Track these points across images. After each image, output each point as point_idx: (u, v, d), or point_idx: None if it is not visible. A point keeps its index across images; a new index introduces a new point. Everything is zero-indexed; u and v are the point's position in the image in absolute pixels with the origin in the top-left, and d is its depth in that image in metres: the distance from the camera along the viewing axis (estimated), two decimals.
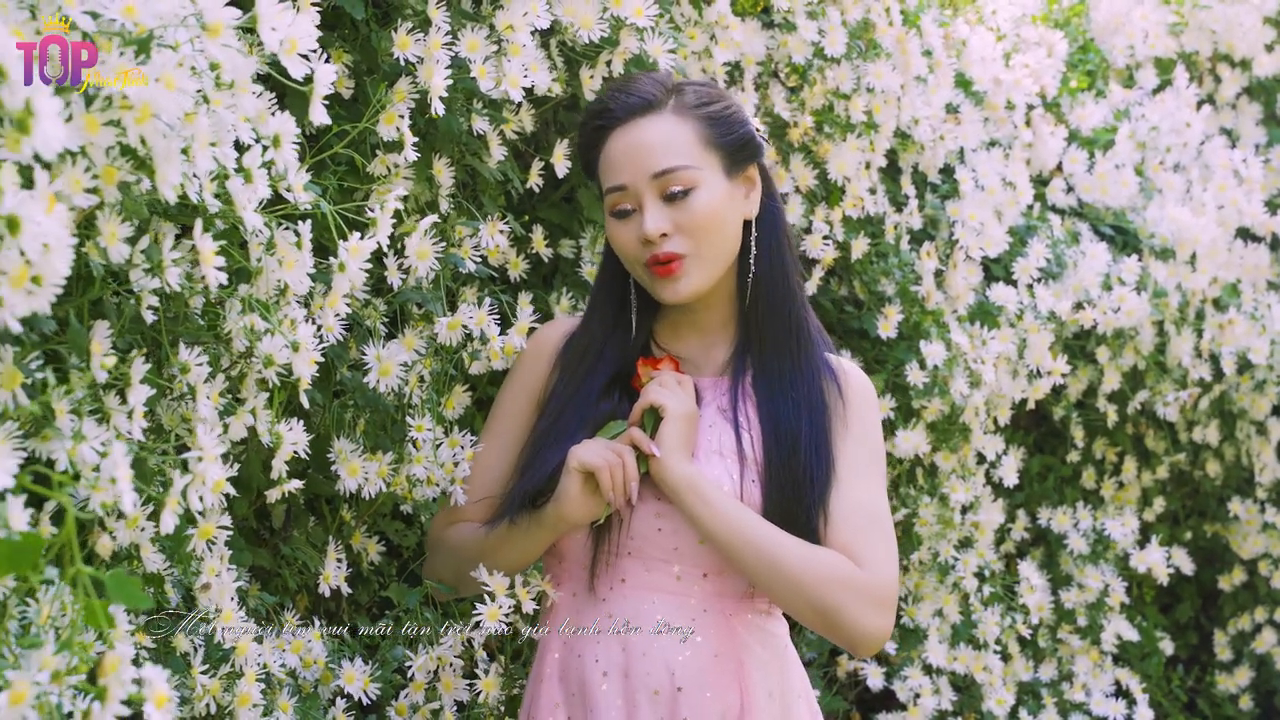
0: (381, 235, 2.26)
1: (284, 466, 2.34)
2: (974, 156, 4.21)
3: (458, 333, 2.91)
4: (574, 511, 2.69)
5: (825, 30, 3.67)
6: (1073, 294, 4.25)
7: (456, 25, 2.78)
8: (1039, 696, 4.41)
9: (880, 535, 2.73)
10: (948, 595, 4.12)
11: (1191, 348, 4.50)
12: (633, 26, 3.01)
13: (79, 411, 1.92)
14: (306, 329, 2.20)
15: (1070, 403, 4.59)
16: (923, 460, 4.07)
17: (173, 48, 1.84)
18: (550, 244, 3.33)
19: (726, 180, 2.73)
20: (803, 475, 2.71)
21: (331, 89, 2.11)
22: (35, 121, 1.45)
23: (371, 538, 3.11)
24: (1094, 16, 5.15)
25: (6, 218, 1.44)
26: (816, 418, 2.76)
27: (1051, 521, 4.57)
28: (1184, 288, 4.47)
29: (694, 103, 2.74)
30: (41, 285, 1.51)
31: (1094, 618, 4.51)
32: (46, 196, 1.49)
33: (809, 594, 2.64)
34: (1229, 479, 5.18)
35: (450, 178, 2.94)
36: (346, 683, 2.79)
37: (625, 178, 2.71)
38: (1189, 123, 4.82)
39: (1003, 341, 4.04)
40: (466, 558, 2.82)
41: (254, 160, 1.98)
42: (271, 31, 1.91)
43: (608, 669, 2.71)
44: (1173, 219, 4.50)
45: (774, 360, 2.79)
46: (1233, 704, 5.24)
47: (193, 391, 2.11)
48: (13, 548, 1.50)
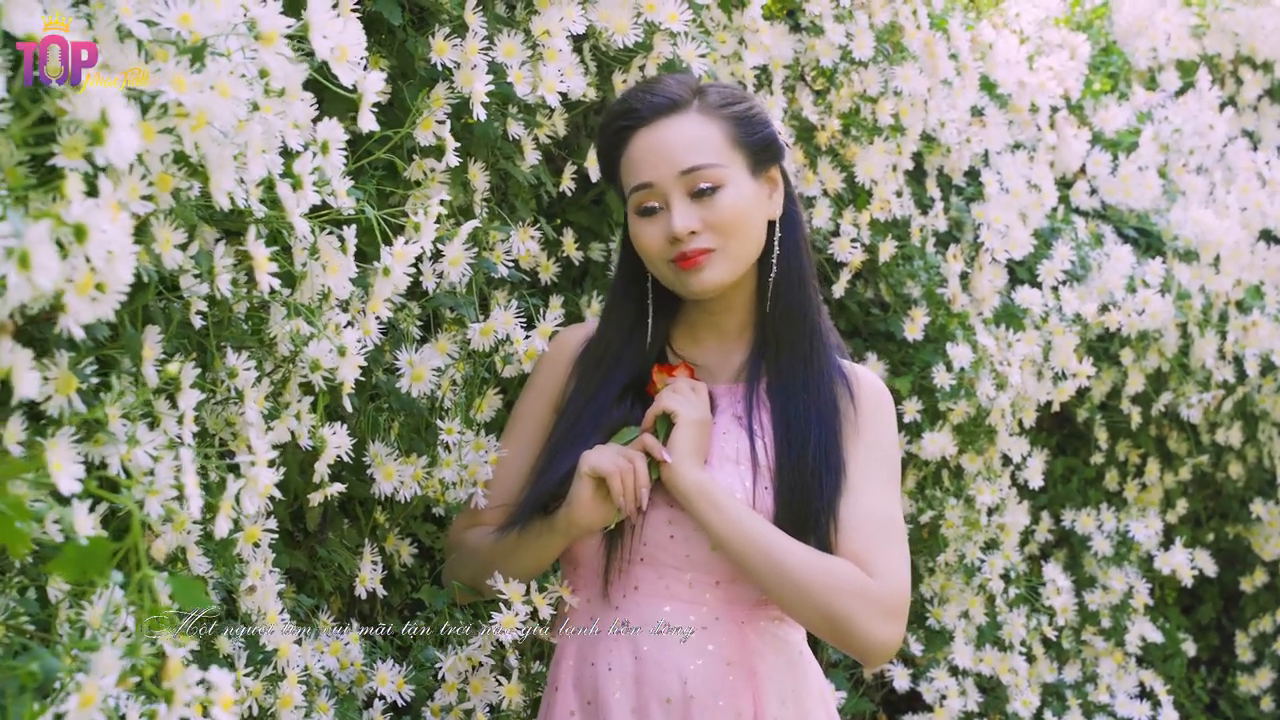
0: (425, 240, 2.27)
1: (326, 470, 2.35)
2: (999, 159, 4.22)
3: (490, 338, 2.92)
4: (584, 517, 2.69)
5: (853, 34, 3.68)
6: (1097, 296, 4.26)
7: (493, 30, 2.80)
8: (1063, 698, 4.42)
9: (892, 543, 2.72)
10: (974, 597, 4.13)
11: (1215, 350, 4.51)
12: (666, 31, 3.02)
13: (130, 416, 1.94)
14: (352, 334, 2.22)
15: (1094, 405, 4.60)
16: (949, 462, 4.08)
17: (225, 55, 1.85)
18: (580, 247, 3.34)
19: (752, 180, 2.74)
20: (811, 479, 2.70)
21: (378, 96, 2.12)
22: (110, 131, 1.46)
23: (404, 540, 3.12)
24: (1116, 19, 5.16)
25: (75, 226, 1.45)
26: (827, 422, 2.75)
27: (1075, 523, 4.57)
28: (1208, 290, 4.48)
29: (719, 103, 2.74)
30: (105, 292, 1.52)
31: (1118, 619, 4.52)
32: (111, 205, 1.51)
33: (818, 602, 2.63)
34: (1251, 481, 5.18)
35: (485, 182, 2.95)
36: (380, 684, 2.80)
37: (651, 175, 2.70)
38: (1212, 125, 4.83)
39: (1028, 344, 4.05)
40: (482, 562, 2.83)
41: (305, 166, 1.99)
42: (323, 39, 1.92)
43: (620, 677, 2.71)
44: (1196, 221, 4.51)
45: (790, 364, 2.78)
46: (1254, 705, 5.25)
47: (240, 396, 2.12)
48: (81, 552, 1.51)
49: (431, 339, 2.92)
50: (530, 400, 2.92)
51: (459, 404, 2.97)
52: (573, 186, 3.17)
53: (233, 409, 2.26)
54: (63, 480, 1.53)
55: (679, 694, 2.68)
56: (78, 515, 1.54)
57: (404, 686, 2.84)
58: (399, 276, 2.23)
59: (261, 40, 1.79)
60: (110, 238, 1.50)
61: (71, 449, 1.61)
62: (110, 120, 1.46)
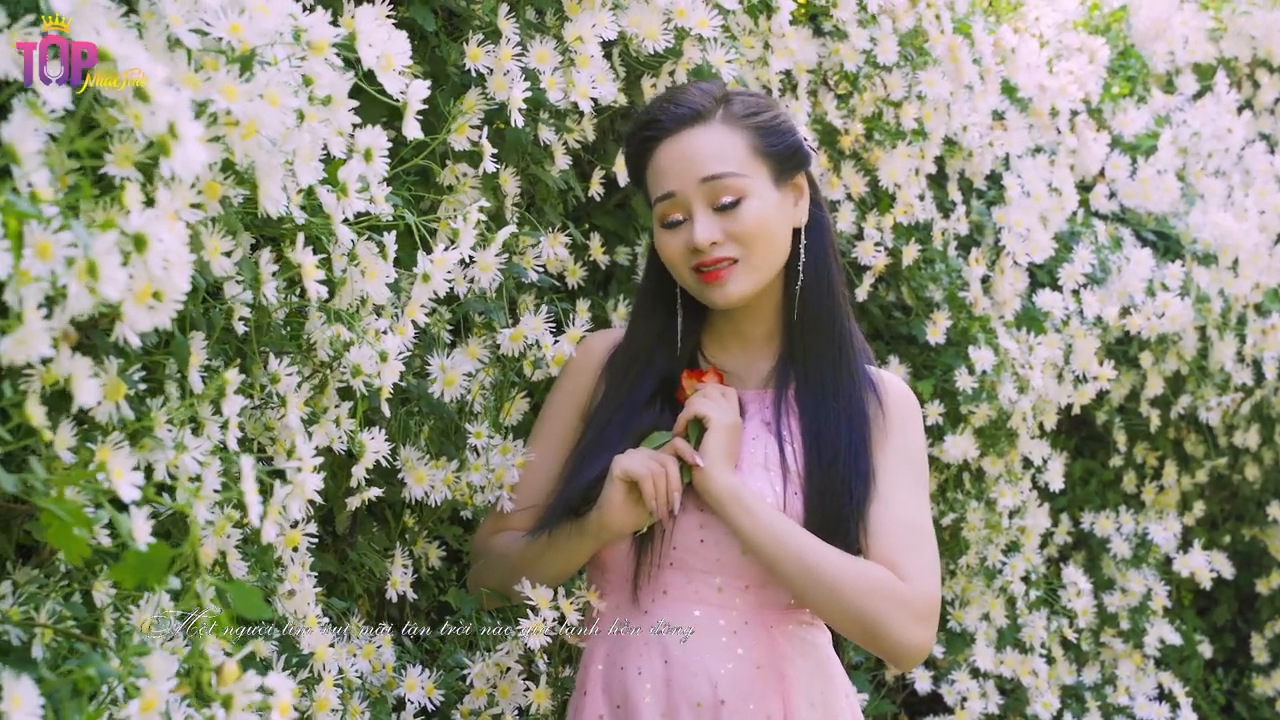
0: (464, 246, 2.29)
1: (364, 474, 2.37)
2: (1019, 163, 4.23)
3: (520, 342, 2.93)
4: (616, 520, 2.70)
5: (877, 38, 3.69)
6: (1117, 300, 4.27)
7: (525, 37, 2.81)
8: (1082, 700, 4.43)
9: (922, 548, 2.73)
10: (994, 599, 4.14)
11: (1234, 353, 4.52)
12: (696, 36, 3.03)
13: (173, 422, 1.95)
14: (394, 340, 2.23)
15: (1113, 407, 4.61)
16: (970, 465, 4.09)
17: (271, 64, 1.87)
18: (606, 251, 3.36)
19: (775, 189, 2.74)
20: (841, 486, 2.72)
21: (422, 104, 2.13)
22: (178, 144, 1.48)
23: (432, 543, 3.13)
24: (1134, 22, 5.17)
25: (135, 236, 1.46)
26: (856, 428, 2.76)
27: (1095, 526, 4.58)
28: (1226, 293, 4.49)
29: (742, 113, 2.75)
30: (163, 301, 1.53)
31: (1136, 621, 4.53)
32: (169, 214, 1.52)
33: (851, 605, 2.64)
34: (1267, 483, 5.19)
35: (516, 187, 2.97)
36: (408, 690, 2.80)
37: (674, 185, 2.72)
38: (1230, 128, 4.84)
39: (1049, 347, 4.06)
40: (510, 567, 2.84)
41: (351, 174, 2.01)
42: (369, 48, 1.94)
43: (650, 681, 2.72)
44: (1215, 224, 4.52)
45: (817, 371, 2.79)
46: (1270, 706, 5.26)
47: (282, 401, 2.13)
48: (141, 559, 1.53)
49: (461, 343, 2.93)
50: (557, 405, 2.93)
51: (489, 408, 2.98)
52: (601, 192, 3.18)
53: (270, 414, 2.28)
54: (123, 487, 1.55)
55: (710, 698, 2.69)
56: (136, 522, 1.55)
57: (434, 692, 2.84)
58: (439, 282, 2.25)
59: (312, 49, 1.80)
60: (168, 247, 1.51)
61: (131, 456, 1.62)
62: (179, 133, 1.48)
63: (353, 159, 2.02)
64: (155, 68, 1.49)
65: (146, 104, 1.47)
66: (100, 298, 1.41)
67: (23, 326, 1.39)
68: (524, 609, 2.79)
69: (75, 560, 1.57)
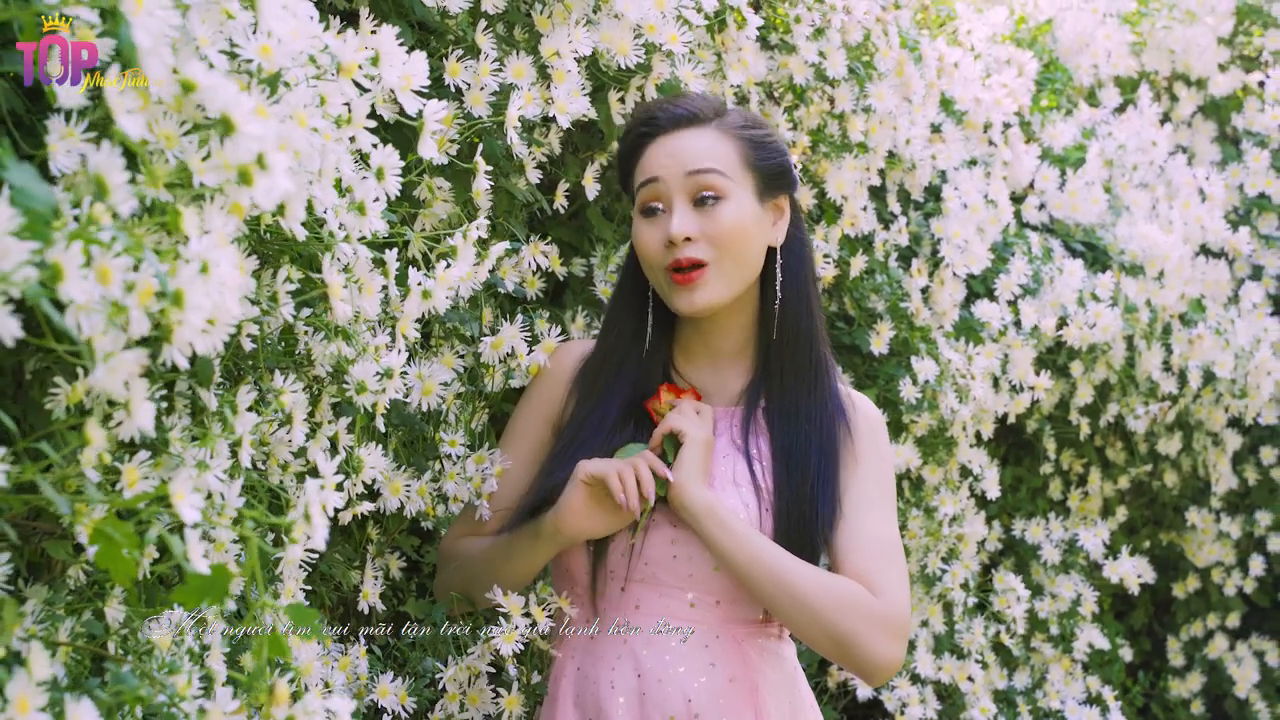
0: (464, 264, 2.30)
1: (361, 488, 2.38)
2: (956, 175, 4.29)
3: (501, 350, 2.94)
4: (572, 524, 2.70)
5: (825, 52, 3.73)
6: (1051, 310, 4.34)
7: (501, 52, 2.82)
8: (1014, 705, 4.49)
9: (893, 564, 2.75)
10: (933, 606, 4.19)
11: (1160, 362, 4.60)
12: (665, 52, 3.06)
13: (182, 441, 1.95)
14: (396, 356, 2.24)
15: (1043, 416, 4.69)
16: (910, 474, 4.15)
17: (294, 85, 1.87)
18: (563, 263, 3.37)
19: (757, 202, 2.77)
20: (810, 508, 2.74)
21: (440, 125, 2.14)
22: (265, 175, 1.48)
23: (392, 554, 3.14)
24: (1059, 35, 5.26)
25: (200, 262, 1.46)
26: (827, 451, 2.79)
27: (1026, 532, 4.66)
28: (1153, 303, 4.57)
29: (738, 124, 2.79)
30: (216, 325, 1.54)
31: (1065, 626, 4.60)
32: (222, 240, 1.53)
33: (825, 621, 2.65)
34: (1185, 489, 5.30)
35: (488, 200, 2.98)
36: (380, 696, 2.81)
37: (660, 172, 2.75)
38: (1154, 141, 4.92)
39: (988, 357, 4.12)
40: (472, 571, 2.85)
41: (368, 193, 2.02)
42: (390, 69, 1.95)
43: (624, 694, 2.73)
44: (1143, 236, 4.60)
45: (792, 393, 2.82)
46: (1185, 708, 5.36)
47: (288, 418, 2.14)
48: (203, 581, 1.53)
49: (430, 353, 2.93)
50: (525, 415, 2.95)
51: (464, 418, 2.99)
52: (566, 203, 3.19)
53: (263, 429, 2.28)
54: (185, 510, 1.55)
55: (683, 711, 2.70)
56: (191, 545, 1.56)
57: (406, 699, 2.85)
58: (440, 300, 2.26)
59: (342, 71, 1.81)
60: (224, 272, 1.51)
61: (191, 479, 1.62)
62: (268, 164, 1.48)
63: (369, 179, 2.02)
64: (242, 98, 1.49)
65: (232, 133, 1.47)
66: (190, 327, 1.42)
67: (115, 356, 1.39)
68: (493, 614, 2.80)
69: (124, 581, 1.57)
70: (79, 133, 1.65)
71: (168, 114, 1.69)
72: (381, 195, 2.11)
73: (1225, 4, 5.45)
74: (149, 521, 1.60)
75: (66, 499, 1.54)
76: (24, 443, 1.58)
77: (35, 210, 1.31)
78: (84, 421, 1.53)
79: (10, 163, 1.33)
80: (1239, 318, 4.77)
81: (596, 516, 2.71)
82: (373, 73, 2.03)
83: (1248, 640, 5.43)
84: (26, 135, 1.78)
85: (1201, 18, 5.41)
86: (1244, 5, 5.60)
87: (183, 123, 1.70)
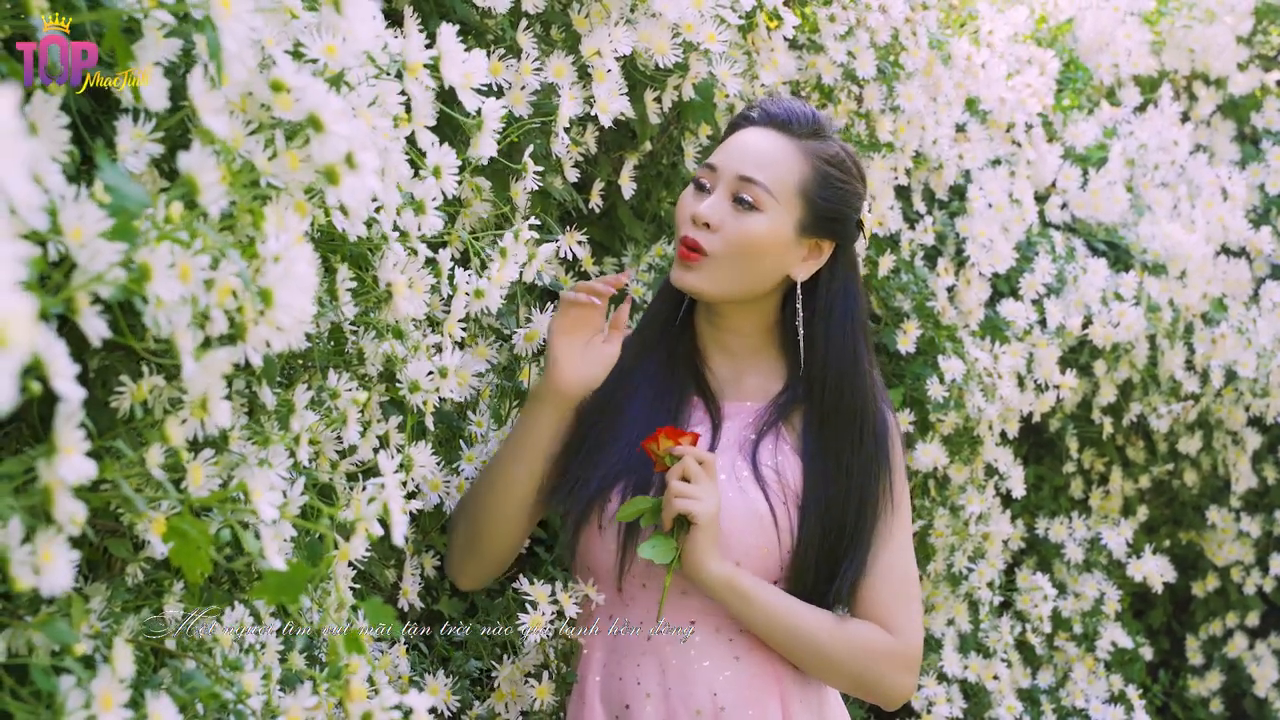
0: (515, 263, 2.30)
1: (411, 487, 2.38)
2: (980, 174, 4.29)
3: (535, 342, 2.95)
4: (561, 374, 2.75)
5: (855, 52, 3.74)
6: (1076, 309, 4.34)
7: (542, 52, 2.83)
8: (1038, 703, 4.50)
9: (909, 600, 2.83)
10: (959, 605, 4.20)
11: (1183, 361, 4.60)
12: (703, 50, 3.06)
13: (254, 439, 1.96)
14: (453, 356, 2.25)
15: (1066, 415, 4.69)
16: (936, 472, 4.15)
17: (349, 85, 1.88)
18: (595, 261, 3.38)
19: (794, 231, 2.77)
20: (839, 567, 2.79)
21: (499, 124, 2.15)
22: (353, 174, 1.49)
23: (426, 552, 3.14)
24: (1079, 35, 5.25)
25: (277, 260, 1.47)
26: (866, 514, 2.81)
27: (1049, 531, 4.66)
28: (1175, 303, 4.57)
29: (823, 154, 2.79)
30: (293, 324, 1.54)
31: (1089, 625, 4.61)
32: (298, 238, 1.53)
33: (846, 671, 2.77)
34: (1205, 488, 5.30)
35: (526, 199, 2.98)
36: (432, 695, 2.82)
37: (721, 161, 2.79)
38: (1176, 140, 4.93)
39: (1014, 356, 4.12)
40: (475, 493, 2.85)
41: (428, 192, 2.02)
42: (451, 68, 1.95)
43: (650, 690, 2.75)
44: (1166, 235, 4.60)
45: (833, 446, 2.82)
46: (1204, 707, 5.36)
47: (342, 417, 2.14)
48: (280, 578, 1.54)
49: (469, 344, 2.94)
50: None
51: (493, 406, 3.00)
52: (600, 203, 3.20)
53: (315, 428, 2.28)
54: (263, 507, 1.56)
55: (709, 705, 2.72)
56: (267, 543, 1.56)
57: (450, 698, 2.86)
58: (494, 299, 2.26)
59: (408, 70, 1.82)
60: (300, 270, 1.52)
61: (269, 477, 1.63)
62: (356, 163, 1.49)
63: (428, 178, 2.03)
64: (330, 98, 1.50)
65: (321, 133, 1.48)
66: (278, 327, 1.42)
67: (208, 355, 1.40)
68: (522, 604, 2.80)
69: (197, 579, 1.58)
70: (146, 133, 1.66)
71: (234, 114, 1.70)
72: (438, 194, 2.11)
73: (1244, 3, 5.45)
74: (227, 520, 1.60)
75: (143, 497, 1.55)
76: (101, 441, 1.59)
77: (127, 210, 1.31)
78: (163, 420, 1.54)
79: (105, 164, 1.34)
80: (1260, 317, 4.77)
81: (579, 357, 2.77)
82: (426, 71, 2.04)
83: (1267, 639, 5.43)
84: (92, 134, 1.79)
85: (1221, 17, 5.42)
86: (1263, 4, 5.60)
87: (248, 123, 1.71)
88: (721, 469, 2.77)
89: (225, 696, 1.69)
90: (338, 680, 1.56)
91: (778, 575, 2.77)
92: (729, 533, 2.72)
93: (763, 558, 2.74)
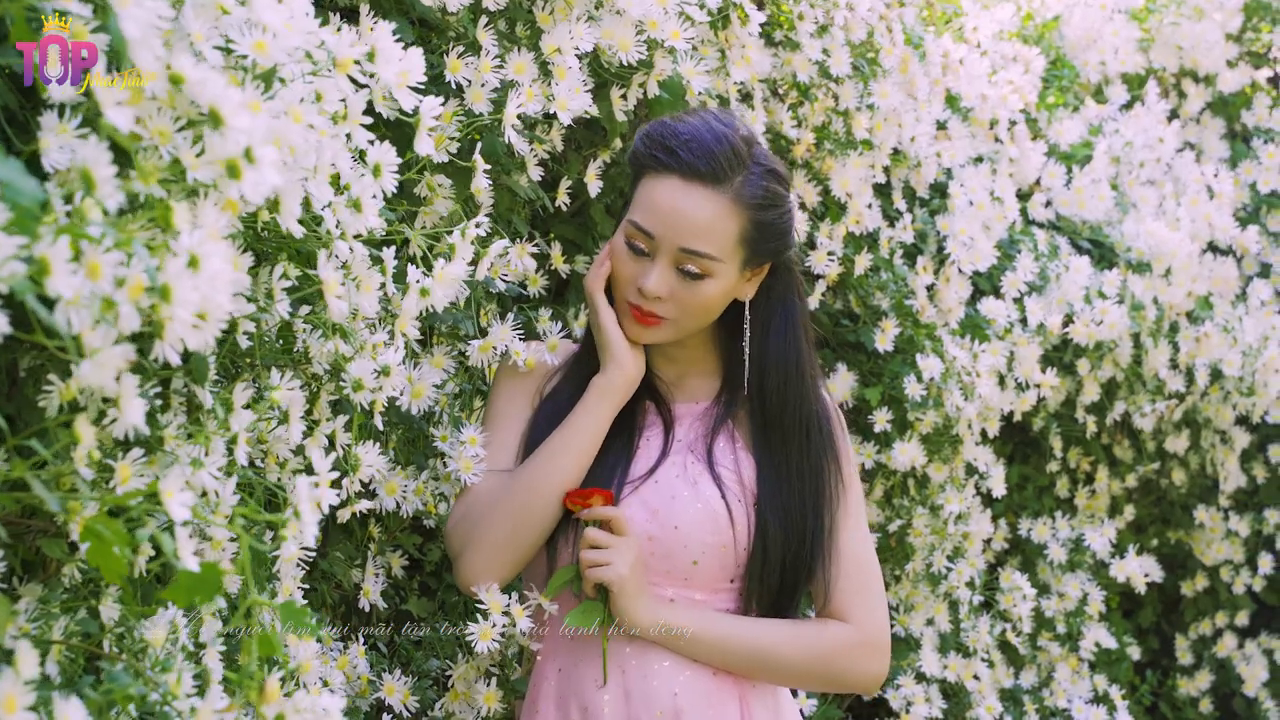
0: (462, 261, 2.29)
1: (358, 486, 2.37)
2: (962, 172, 4.27)
3: (489, 354, 2.91)
4: (629, 360, 2.77)
5: (829, 49, 3.72)
6: (1057, 308, 4.33)
7: (503, 49, 2.81)
8: (1020, 703, 4.48)
9: (871, 586, 2.84)
10: (939, 604, 4.18)
11: (1167, 360, 4.58)
12: (667, 48, 3.04)
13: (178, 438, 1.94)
14: (393, 354, 2.23)
15: (1049, 413, 4.67)
16: (915, 471, 4.13)
17: (288, 81, 1.86)
18: (566, 260, 3.36)
19: (738, 273, 2.74)
20: (804, 569, 2.80)
21: (437, 122, 2.13)
22: (253, 169, 1.47)
23: (394, 552, 3.13)
24: (1066, 32, 5.24)
25: (190, 256, 1.46)
26: (824, 510, 2.81)
27: (1032, 531, 4.65)
28: (1160, 301, 4.56)
29: (752, 199, 2.70)
30: (207, 320, 1.53)
31: (1072, 625, 4.59)
32: (213, 234, 1.52)
33: (814, 674, 2.81)
34: (1193, 487, 5.28)
35: (489, 198, 2.97)
36: (388, 695, 2.80)
37: (657, 229, 2.69)
38: (1161, 138, 4.91)
39: (994, 355, 4.11)
40: (518, 490, 2.77)
41: (365, 190, 2.01)
42: (386, 65, 1.94)
43: (609, 692, 2.73)
44: (1150, 233, 4.58)
45: (781, 454, 2.81)
46: (1193, 707, 5.34)
47: (284, 416, 2.13)
48: (193, 578, 1.52)
49: (426, 352, 2.92)
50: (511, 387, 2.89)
51: (453, 416, 2.97)
52: (567, 201, 3.19)
53: (262, 428, 2.27)
54: (174, 507, 1.54)
55: (670, 707, 2.71)
56: (181, 542, 1.55)
57: (409, 698, 2.84)
58: (439, 298, 2.25)
59: (338, 66, 1.80)
60: (215, 266, 1.50)
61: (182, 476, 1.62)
62: (255, 157, 1.47)
63: (365, 176, 2.01)
64: (230, 92, 1.48)
65: (220, 127, 1.46)
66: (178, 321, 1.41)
67: (102, 352, 1.38)
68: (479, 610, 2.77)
69: (114, 579, 1.56)
70: (72, 128, 1.65)
71: (161, 109, 1.68)
72: (378, 192, 2.09)
73: (1233, 0, 5.43)
74: (142, 520, 1.59)
75: (58, 497, 1.53)
76: (15, 440, 1.57)
77: (22, 205, 1.30)
78: (75, 419, 1.52)
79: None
80: (1247, 315, 4.75)
81: (636, 347, 2.80)
82: (370, 69, 2.03)
83: (1256, 638, 5.41)
84: (20, 131, 1.78)
85: (1209, 14, 5.39)
86: (1252, 1, 5.58)
87: (177, 119, 1.69)
88: (675, 467, 2.77)
89: (151, 699, 1.67)
90: (251, 681, 1.54)
91: (734, 573, 2.75)
92: (685, 531, 2.71)
93: (719, 555, 2.73)
